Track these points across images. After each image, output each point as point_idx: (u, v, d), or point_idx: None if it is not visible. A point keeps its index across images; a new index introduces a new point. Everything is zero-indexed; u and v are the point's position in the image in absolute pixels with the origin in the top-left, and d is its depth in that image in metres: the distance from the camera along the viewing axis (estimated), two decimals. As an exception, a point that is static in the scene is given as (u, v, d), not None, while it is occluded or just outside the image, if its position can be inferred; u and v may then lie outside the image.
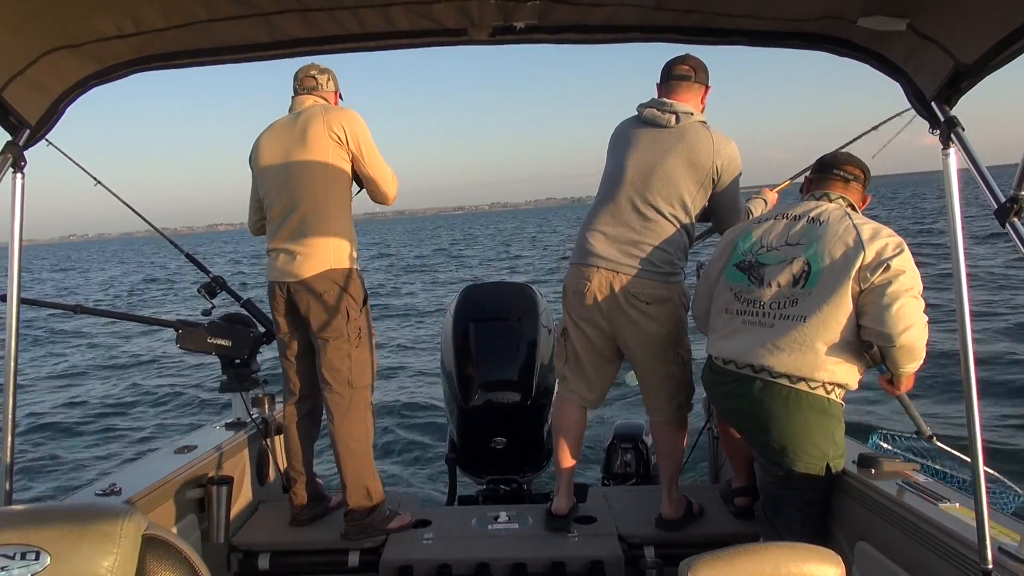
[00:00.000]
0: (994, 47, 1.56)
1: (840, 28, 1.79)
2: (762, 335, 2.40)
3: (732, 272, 2.55)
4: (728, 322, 2.53)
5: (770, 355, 2.36)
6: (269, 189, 3.02)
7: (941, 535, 1.96)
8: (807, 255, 2.38)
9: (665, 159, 2.80)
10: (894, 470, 2.37)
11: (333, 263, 2.91)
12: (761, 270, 2.47)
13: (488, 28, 1.74)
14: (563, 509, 2.98)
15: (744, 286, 2.50)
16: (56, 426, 8.67)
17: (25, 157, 1.88)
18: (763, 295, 2.44)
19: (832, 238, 2.36)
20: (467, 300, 3.83)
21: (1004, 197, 1.64)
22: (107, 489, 2.46)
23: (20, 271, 1.95)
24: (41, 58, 1.69)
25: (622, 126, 2.99)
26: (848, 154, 2.67)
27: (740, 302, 2.50)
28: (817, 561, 1.40)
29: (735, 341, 2.47)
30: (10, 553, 1.08)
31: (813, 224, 2.43)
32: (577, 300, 2.87)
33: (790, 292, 2.38)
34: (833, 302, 2.29)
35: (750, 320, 2.46)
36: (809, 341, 2.31)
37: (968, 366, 1.81)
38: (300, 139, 2.92)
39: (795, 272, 2.39)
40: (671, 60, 2.93)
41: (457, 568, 2.73)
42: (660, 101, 2.88)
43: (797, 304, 2.36)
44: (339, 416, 2.94)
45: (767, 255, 2.48)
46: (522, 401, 3.51)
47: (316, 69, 3.09)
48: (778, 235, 2.49)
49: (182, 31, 1.70)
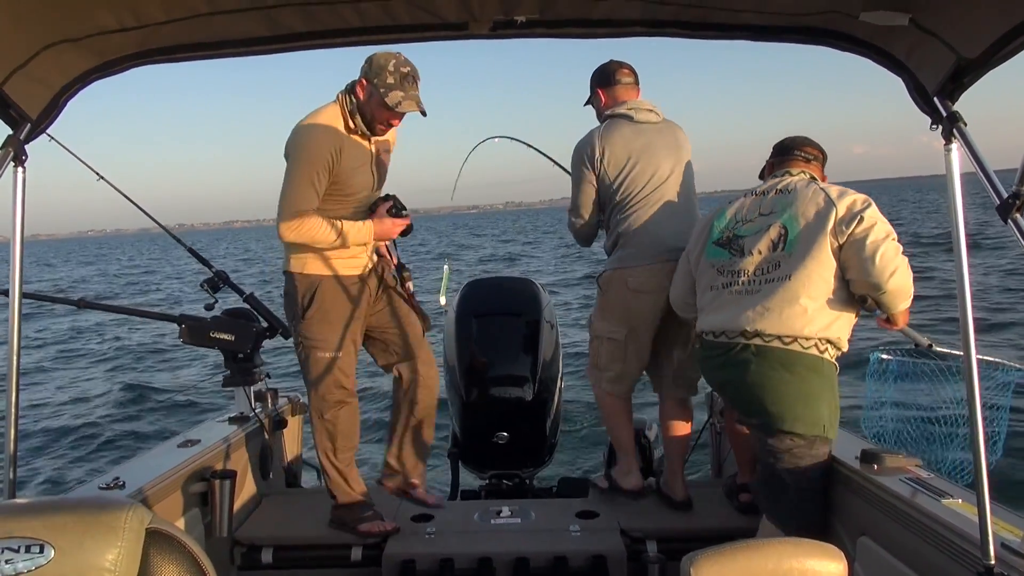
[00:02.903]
0: (997, 42, 1.56)
1: (842, 22, 1.78)
2: (750, 301, 2.45)
3: (712, 249, 2.63)
4: (715, 297, 2.58)
5: (760, 319, 2.40)
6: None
7: (943, 530, 1.96)
8: (782, 220, 2.47)
9: (680, 149, 3.10)
10: (896, 465, 2.37)
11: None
12: (740, 242, 2.55)
13: (488, 22, 1.74)
14: (640, 483, 3.21)
15: (725, 260, 2.57)
16: (60, 420, 8.70)
17: (26, 151, 1.88)
18: (746, 264, 2.51)
19: (803, 201, 2.46)
20: (470, 295, 3.83)
21: (1006, 193, 1.64)
22: (111, 483, 2.47)
23: (22, 265, 1.95)
24: (42, 52, 1.69)
25: (621, 131, 3.07)
26: (805, 137, 2.75)
27: (724, 275, 2.56)
28: (819, 556, 1.40)
29: (724, 313, 2.52)
30: (15, 546, 1.09)
31: (782, 194, 2.54)
32: (654, 298, 3.00)
33: (771, 256, 2.46)
34: (814, 257, 2.36)
35: (736, 290, 2.52)
36: (795, 298, 2.37)
37: (970, 359, 1.81)
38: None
39: (773, 238, 2.47)
40: (609, 65, 3.21)
41: (459, 562, 2.73)
42: (637, 103, 3.12)
43: (779, 267, 2.43)
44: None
45: (743, 227, 2.57)
46: (525, 396, 3.52)
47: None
48: (750, 209, 2.59)
49: (183, 24, 1.70)
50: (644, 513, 3.02)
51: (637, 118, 3.06)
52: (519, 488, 3.67)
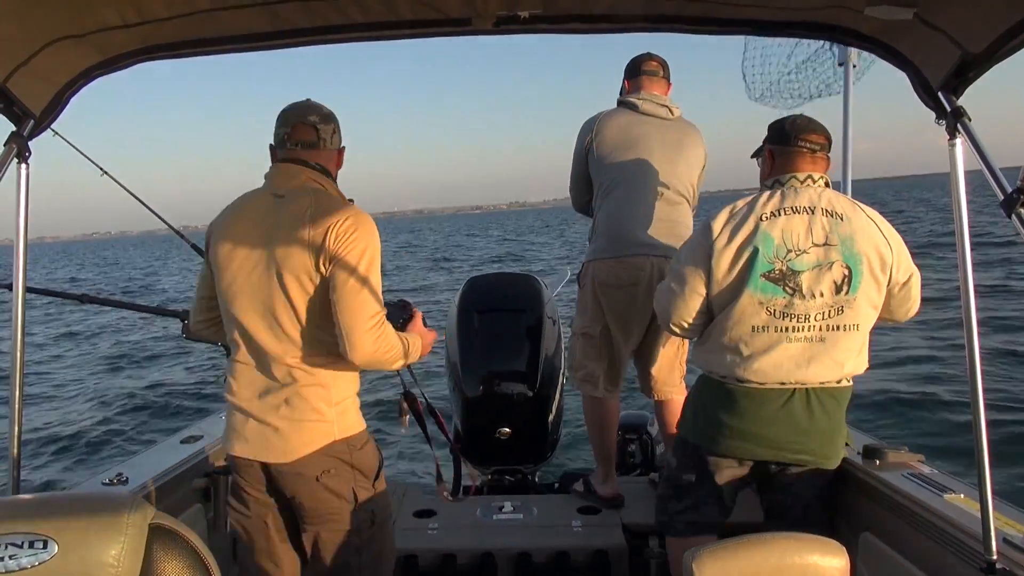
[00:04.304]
0: (1001, 36, 1.55)
1: (847, 17, 1.78)
2: (816, 351, 2.20)
3: (761, 283, 2.17)
4: (767, 341, 2.20)
5: (827, 370, 2.21)
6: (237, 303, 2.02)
7: (946, 526, 1.96)
8: (844, 259, 2.16)
9: (682, 148, 3.02)
10: (899, 461, 2.37)
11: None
12: (796, 279, 2.16)
13: (492, 18, 1.73)
14: (617, 491, 3.13)
15: (781, 299, 2.17)
16: (62, 415, 8.72)
17: (30, 148, 1.88)
18: (809, 309, 2.17)
19: (860, 236, 2.17)
20: (472, 291, 3.83)
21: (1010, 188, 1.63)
22: (114, 479, 2.47)
23: (26, 261, 1.95)
24: (45, 48, 1.69)
25: (617, 120, 3.04)
26: (807, 119, 2.33)
27: (780, 318, 2.18)
28: (822, 552, 1.40)
29: (784, 363, 2.20)
30: (18, 542, 1.09)
31: (833, 219, 2.18)
32: (623, 293, 2.94)
33: (835, 300, 2.17)
34: (875, 303, 2.23)
35: (796, 337, 2.19)
36: (860, 346, 2.24)
37: (973, 354, 1.81)
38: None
39: (837, 280, 2.17)
40: (639, 57, 3.13)
41: (462, 558, 2.74)
42: (652, 95, 3.06)
43: (843, 312, 2.18)
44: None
45: (798, 260, 2.17)
46: (527, 392, 3.52)
47: (317, 115, 2.05)
48: (802, 235, 2.18)
49: (186, 20, 1.70)
50: (646, 508, 3.03)
51: (642, 108, 3.02)
52: (521, 484, 3.67)
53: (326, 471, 1.99)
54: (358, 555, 2.06)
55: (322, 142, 2.05)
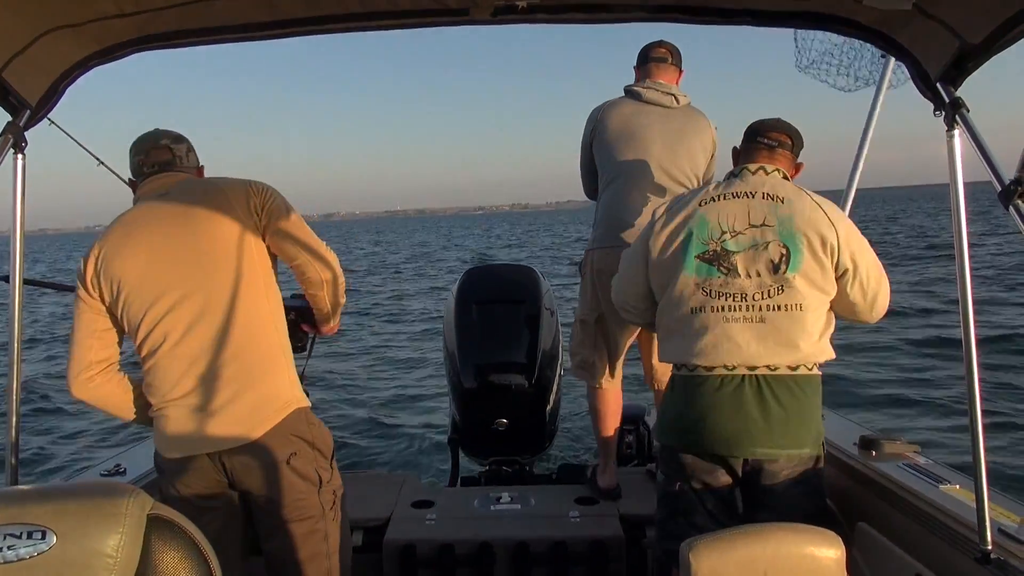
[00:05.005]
0: (1000, 27, 1.55)
1: (846, 7, 1.77)
2: (757, 332, 2.16)
3: (695, 264, 2.22)
4: (703, 322, 2.20)
5: (772, 353, 2.14)
6: (151, 303, 1.94)
7: (941, 516, 1.97)
8: (782, 239, 2.16)
9: (685, 137, 2.98)
10: (895, 451, 2.38)
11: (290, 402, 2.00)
12: (731, 259, 2.19)
13: (490, 8, 1.72)
14: (615, 483, 3.10)
15: (717, 279, 2.20)
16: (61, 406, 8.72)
17: (26, 138, 1.88)
18: (745, 287, 2.18)
19: (799, 217, 2.16)
20: (470, 282, 3.83)
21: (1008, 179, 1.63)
22: (112, 469, 2.48)
23: (23, 252, 1.95)
24: (41, 37, 1.68)
25: (621, 109, 3.02)
26: (776, 119, 2.37)
27: (716, 298, 2.19)
28: (817, 542, 1.41)
29: (722, 344, 2.18)
30: (16, 532, 1.09)
31: (773, 201, 2.20)
32: None
33: (773, 280, 2.16)
34: (820, 286, 2.16)
35: (734, 316, 2.18)
36: (804, 326, 2.15)
37: (970, 347, 1.81)
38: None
39: (774, 259, 2.17)
40: (649, 44, 3.10)
41: (460, 548, 2.74)
42: (657, 83, 3.02)
43: (783, 291, 2.16)
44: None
45: (733, 240, 2.20)
46: (524, 382, 3.52)
47: (169, 138, 2.06)
48: (738, 217, 2.21)
49: (183, 10, 1.69)
50: (643, 499, 3.03)
51: (645, 97, 3.00)
52: (519, 474, 3.68)
53: (294, 453, 1.94)
54: (326, 541, 2.01)
55: (177, 159, 2.05)
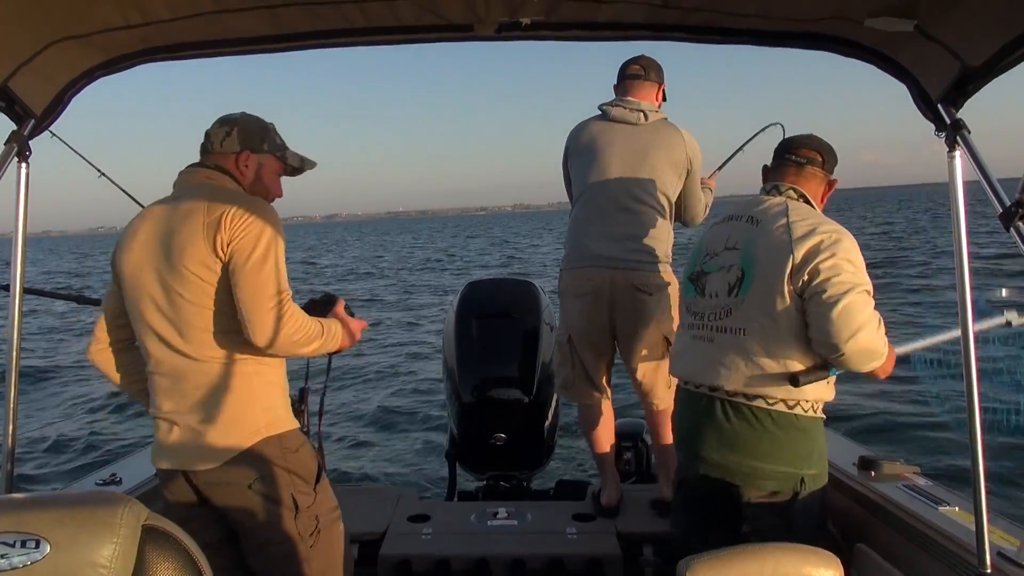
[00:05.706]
0: (1001, 50, 1.56)
1: (847, 29, 1.79)
2: (708, 351, 2.16)
3: (686, 285, 2.32)
4: (680, 338, 2.36)
5: (718, 375, 2.10)
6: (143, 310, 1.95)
7: (940, 538, 1.96)
8: (741, 260, 2.12)
9: (648, 154, 2.89)
10: (894, 472, 2.37)
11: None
12: (704, 279, 2.23)
13: (494, 24, 1.74)
14: (615, 500, 3.07)
15: (692, 298, 2.27)
16: (58, 415, 8.70)
17: (30, 147, 1.89)
18: (704, 307, 2.20)
19: (763, 239, 2.09)
20: (469, 296, 3.83)
21: (1009, 201, 1.64)
22: (108, 479, 2.47)
23: (24, 260, 1.95)
24: (47, 48, 1.70)
25: (589, 128, 3.02)
26: (808, 135, 2.30)
27: (692, 316, 2.26)
28: (815, 563, 1.40)
29: (687, 359, 2.26)
30: (10, 541, 1.09)
31: (750, 224, 2.16)
32: (580, 303, 2.91)
33: (724, 302, 2.13)
34: (768, 311, 2.03)
35: (696, 335, 2.22)
36: (752, 356, 2.05)
37: (970, 368, 1.81)
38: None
39: (730, 281, 2.13)
40: (625, 61, 3.06)
41: (456, 564, 2.73)
42: (625, 100, 2.98)
43: (731, 315, 2.11)
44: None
45: (710, 262, 2.23)
46: (523, 397, 3.51)
47: (216, 123, 2.06)
48: (720, 240, 2.22)
49: (188, 22, 1.71)
50: (641, 516, 3.02)
51: (611, 115, 2.95)
52: (516, 490, 3.67)
53: (260, 478, 1.92)
54: (307, 565, 1.99)
55: (211, 144, 2.04)
